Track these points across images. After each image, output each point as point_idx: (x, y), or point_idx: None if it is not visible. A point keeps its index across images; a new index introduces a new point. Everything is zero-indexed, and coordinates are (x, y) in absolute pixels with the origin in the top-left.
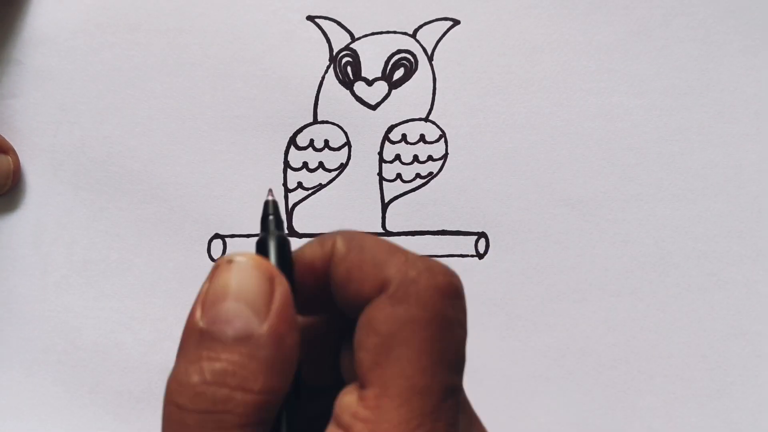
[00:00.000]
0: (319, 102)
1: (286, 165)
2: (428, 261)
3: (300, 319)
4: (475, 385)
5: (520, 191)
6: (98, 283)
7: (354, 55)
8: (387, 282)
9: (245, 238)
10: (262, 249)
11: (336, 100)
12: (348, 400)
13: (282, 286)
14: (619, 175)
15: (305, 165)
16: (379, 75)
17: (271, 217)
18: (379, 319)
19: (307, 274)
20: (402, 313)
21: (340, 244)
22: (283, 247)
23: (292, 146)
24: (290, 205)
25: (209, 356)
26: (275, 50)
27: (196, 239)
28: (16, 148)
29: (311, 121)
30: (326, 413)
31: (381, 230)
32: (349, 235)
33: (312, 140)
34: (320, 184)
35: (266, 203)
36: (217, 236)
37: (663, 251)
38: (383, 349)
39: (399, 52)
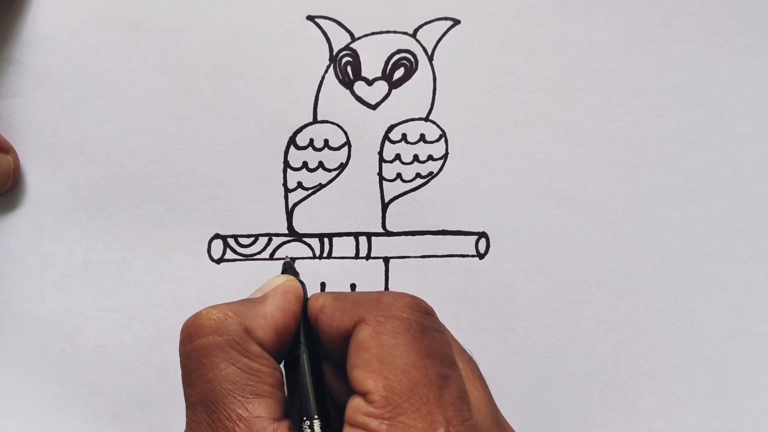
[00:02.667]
0: (319, 102)
1: (286, 165)
2: (396, 292)
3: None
4: None
5: (520, 191)
6: (98, 283)
7: (354, 54)
8: (362, 315)
9: (245, 238)
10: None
11: (336, 100)
12: (356, 403)
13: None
14: (619, 175)
15: (305, 165)
16: (379, 75)
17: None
18: (365, 339)
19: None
20: (384, 329)
21: (327, 298)
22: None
23: (292, 146)
24: (290, 205)
25: None
26: (275, 50)
27: (196, 239)
28: (15, 148)
29: (311, 120)
30: None
31: (381, 230)
32: (334, 293)
33: (312, 140)
34: (320, 183)
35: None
36: (217, 236)
37: (663, 251)
38: (375, 360)
39: (399, 51)
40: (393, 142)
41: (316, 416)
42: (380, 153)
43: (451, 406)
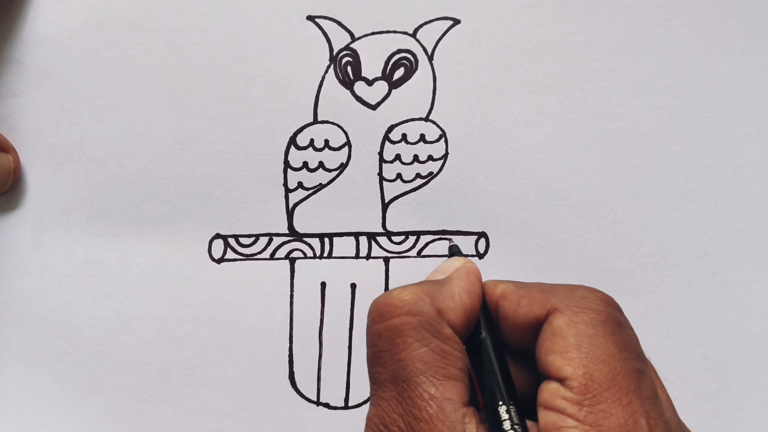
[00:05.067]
0: (319, 102)
1: (287, 165)
2: (587, 286)
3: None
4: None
5: (520, 191)
6: (98, 283)
7: (354, 54)
8: (555, 304)
9: (246, 238)
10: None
11: (336, 100)
12: (554, 387)
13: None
14: (619, 175)
15: (305, 165)
16: (379, 75)
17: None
18: (562, 327)
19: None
20: (581, 319)
21: (508, 285)
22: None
23: (292, 146)
24: (290, 205)
25: None
26: (275, 50)
27: (196, 239)
28: (16, 148)
29: (311, 121)
30: None
31: (381, 230)
32: (512, 281)
33: (312, 140)
34: (320, 183)
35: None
36: (217, 236)
37: (663, 251)
38: (573, 348)
39: (399, 51)
40: (393, 143)
41: (511, 402)
42: (380, 153)
43: (648, 399)
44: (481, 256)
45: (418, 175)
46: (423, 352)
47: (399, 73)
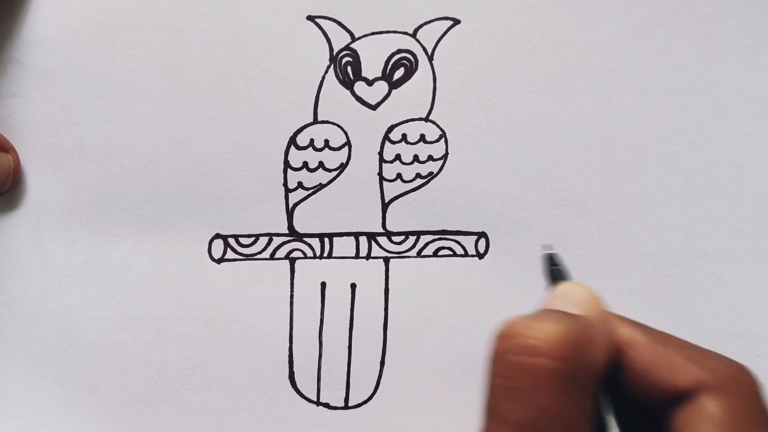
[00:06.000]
0: (319, 102)
1: (286, 165)
2: (731, 360)
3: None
4: (477, 386)
5: (520, 191)
6: (98, 283)
7: (354, 54)
8: (702, 379)
9: (246, 238)
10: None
11: (336, 100)
12: None
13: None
14: (619, 175)
15: (305, 165)
16: (379, 75)
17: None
18: (714, 411)
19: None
20: (736, 406)
21: (636, 333)
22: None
23: (292, 146)
24: (290, 205)
25: None
26: (275, 50)
27: (196, 239)
28: (16, 148)
29: (311, 121)
30: None
31: (381, 230)
32: (643, 326)
33: (312, 140)
34: (320, 183)
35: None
36: (217, 236)
37: (663, 251)
38: None
39: (399, 51)
40: (393, 143)
41: None
42: (380, 153)
43: None
44: (481, 256)
45: (418, 175)
46: (570, 409)
47: (399, 73)
